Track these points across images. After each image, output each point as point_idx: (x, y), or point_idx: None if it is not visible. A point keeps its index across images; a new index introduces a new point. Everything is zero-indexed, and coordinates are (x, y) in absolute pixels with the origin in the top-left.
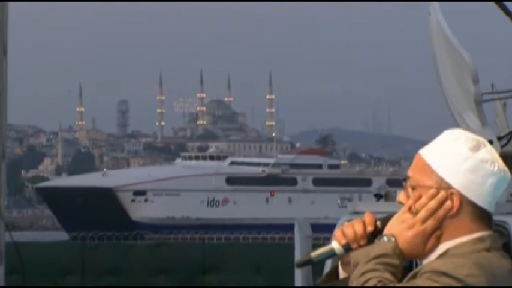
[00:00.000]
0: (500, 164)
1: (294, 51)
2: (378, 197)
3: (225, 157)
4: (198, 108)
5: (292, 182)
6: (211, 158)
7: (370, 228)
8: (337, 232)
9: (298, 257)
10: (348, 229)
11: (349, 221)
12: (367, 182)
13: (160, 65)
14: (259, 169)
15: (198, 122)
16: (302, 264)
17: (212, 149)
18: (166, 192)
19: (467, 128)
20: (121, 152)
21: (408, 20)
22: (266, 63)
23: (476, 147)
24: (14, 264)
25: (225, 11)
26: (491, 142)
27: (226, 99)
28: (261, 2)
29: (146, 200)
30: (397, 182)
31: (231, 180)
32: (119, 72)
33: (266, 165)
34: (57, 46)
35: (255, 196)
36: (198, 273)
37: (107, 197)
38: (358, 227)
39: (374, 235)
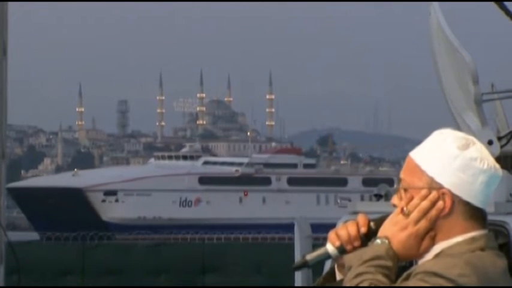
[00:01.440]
0: (490, 161)
1: (293, 51)
2: (378, 196)
3: (198, 157)
4: (198, 108)
5: (267, 181)
6: (185, 157)
7: (363, 230)
8: (331, 234)
9: (298, 256)
10: (342, 231)
11: (347, 221)
12: (343, 182)
13: (160, 65)
14: (232, 169)
15: (198, 122)
16: (298, 267)
17: (186, 149)
18: (138, 192)
19: (468, 128)
20: (121, 152)
21: (408, 20)
22: (266, 63)
23: (465, 146)
24: (14, 264)
25: (225, 11)
26: (491, 142)
27: (226, 99)
28: (262, 2)
29: (117, 200)
30: (373, 182)
31: (204, 180)
32: (118, 72)
33: (240, 164)
34: (57, 46)
35: (228, 196)
36: (198, 273)
37: (77, 197)
38: (351, 229)
39: (368, 236)
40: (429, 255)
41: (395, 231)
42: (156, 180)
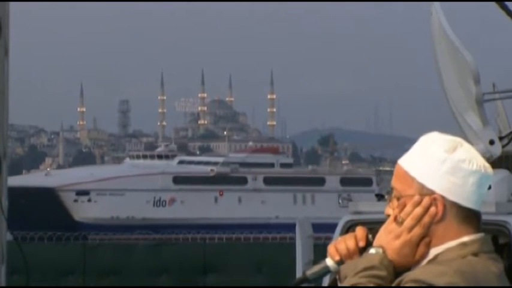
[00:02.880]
0: (479, 161)
1: (295, 51)
2: (379, 197)
3: (173, 156)
4: (199, 108)
5: (243, 181)
6: (160, 157)
7: (361, 244)
8: (331, 248)
9: (299, 256)
10: (341, 245)
11: (349, 221)
12: (321, 181)
13: (162, 65)
14: (208, 168)
15: (199, 122)
16: (299, 282)
17: (161, 148)
18: (110, 192)
19: (469, 128)
20: (122, 152)
21: (410, 20)
22: (267, 63)
23: (452, 149)
24: (16, 264)
25: (226, 11)
26: (492, 142)
27: (227, 99)
28: (262, 1)
29: (89, 200)
30: (351, 181)
31: (178, 179)
32: (120, 72)
33: (215, 164)
34: (58, 46)
35: (203, 196)
36: (199, 273)
37: (49, 197)
38: (350, 243)
39: (367, 249)
40: (425, 262)
41: (389, 239)
42: (130, 179)
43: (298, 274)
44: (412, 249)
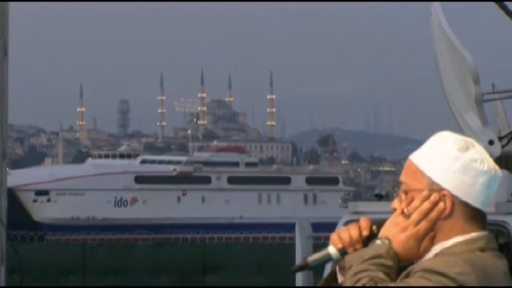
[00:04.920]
0: (490, 162)
1: (294, 51)
2: (379, 196)
3: (136, 155)
4: (198, 108)
5: (206, 180)
6: (122, 156)
7: (365, 233)
8: (333, 236)
9: (298, 256)
10: (344, 233)
11: (349, 220)
12: (287, 180)
13: (161, 65)
14: (170, 167)
15: (198, 122)
16: (298, 269)
17: (123, 147)
18: (70, 192)
19: (469, 128)
20: None
21: (409, 20)
22: (267, 63)
23: (465, 148)
24: (16, 264)
25: (226, 11)
26: (492, 142)
27: (227, 99)
28: (262, 2)
29: (49, 200)
30: (317, 181)
31: (140, 179)
32: (119, 72)
33: (178, 163)
34: (58, 46)
35: (165, 195)
36: (198, 273)
37: (7, 197)
38: (353, 232)
39: (370, 239)
40: (429, 256)
41: (395, 232)
42: (90, 179)
43: (298, 275)
44: (417, 242)
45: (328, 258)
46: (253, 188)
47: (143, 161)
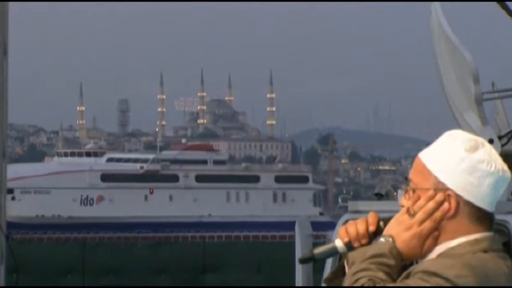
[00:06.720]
0: (498, 164)
1: (294, 50)
2: (379, 196)
3: (102, 153)
4: (198, 108)
5: (174, 178)
6: (88, 154)
7: (372, 228)
8: (341, 230)
9: (298, 255)
10: (351, 228)
11: (348, 220)
12: (255, 179)
13: (161, 64)
14: (137, 165)
15: (198, 121)
16: (305, 260)
17: (89, 145)
18: (35, 190)
19: (469, 127)
20: (122, 152)
21: (409, 20)
22: (267, 62)
23: (474, 148)
24: (16, 263)
25: (226, 11)
26: (491, 141)
27: (226, 98)
28: (262, 1)
29: (13, 199)
30: (286, 179)
31: (106, 177)
32: (119, 71)
33: (145, 161)
34: (57, 45)
35: (132, 193)
36: (198, 272)
37: None
38: (360, 226)
39: (376, 235)
40: (432, 255)
41: (399, 230)
42: (55, 177)
43: (298, 274)
44: (420, 242)
45: (334, 251)
46: (222, 186)
47: (109, 159)
